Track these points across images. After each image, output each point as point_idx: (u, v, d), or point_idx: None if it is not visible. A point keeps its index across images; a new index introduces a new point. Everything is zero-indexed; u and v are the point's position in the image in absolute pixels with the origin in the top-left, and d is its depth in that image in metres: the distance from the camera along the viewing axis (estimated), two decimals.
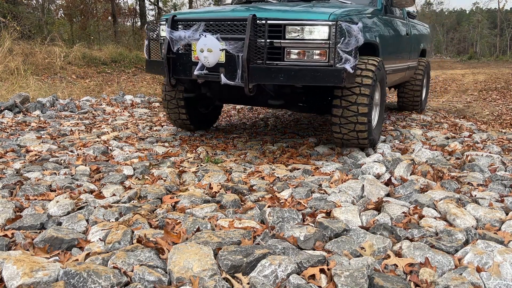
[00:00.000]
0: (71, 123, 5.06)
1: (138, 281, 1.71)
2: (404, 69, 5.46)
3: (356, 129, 3.59)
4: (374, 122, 4.00)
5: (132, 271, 1.77)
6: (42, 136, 4.27)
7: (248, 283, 1.72)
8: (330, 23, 3.13)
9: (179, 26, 3.51)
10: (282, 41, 3.22)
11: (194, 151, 3.87)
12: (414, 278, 1.79)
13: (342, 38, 3.15)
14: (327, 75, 3.15)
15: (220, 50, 3.24)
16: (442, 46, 64.09)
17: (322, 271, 1.79)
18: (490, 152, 3.95)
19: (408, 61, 5.64)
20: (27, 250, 1.97)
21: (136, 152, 3.74)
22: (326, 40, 3.15)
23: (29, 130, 4.64)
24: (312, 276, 1.77)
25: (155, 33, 3.81)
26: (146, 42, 3.91)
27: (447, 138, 4.69)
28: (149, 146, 4.00)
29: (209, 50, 3.23)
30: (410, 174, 3.26)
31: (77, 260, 1.86)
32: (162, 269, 1.82)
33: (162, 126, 5.06)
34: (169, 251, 1.90)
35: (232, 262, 1.80)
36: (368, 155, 3.83)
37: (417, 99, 6.33)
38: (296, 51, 3.21)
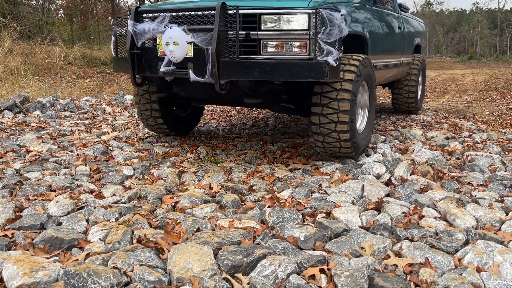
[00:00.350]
0: (71, 123, 5.06)
1: (138, 281, 1.70)
2: (397, 65, 5.16)
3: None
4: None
5: (132, 271, 1.77)
6: (42, 136, 4.27)
7: (248, 283, 1.72)
8: (309, 11, 2.82)
9: (145, 19, 3.20)
10: (258, 32, 2.91)
11: (194, 151, 3.86)
12: (414, 278, 1.79)
13: (323, 28, 2.82)
14: (307, 69, 2.85)
15: (188, 43, 2.94)
16: (442, 46, 64.12)
17: (322, 271, 1.79)
18: (490, 152, 3.95)
19: (402, 56, 5.36)
20: (27, 250, 1.97)
21: (136, 152, 3.74)
22: (305, 30, 2.84)
23: (29, 130, 4.64)
24: (312, 276, 1.77)
25: (124, 28, 3.52)
26: (113, 39, 3.58)
27: (447, 138, 4.69)
28: (149, 146, 4.00)
29: (175, 43, 2.93)
30: (410, 174, 3.26)
31: (77, 260, 1.86)
32: (162, 269, 1.82)
33: None
34: (169, 251, 1.90)
35: (232, 262, 1.80)
36: (368, 155, 3.83)
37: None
38: (274, 43, 2.91)
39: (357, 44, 3.73)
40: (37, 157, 3.51)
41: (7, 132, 4.46)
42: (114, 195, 2.70)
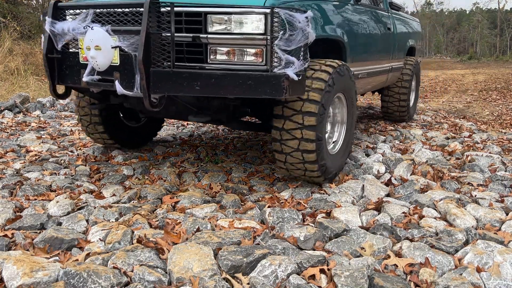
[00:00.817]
0: (71, 123, 5.06)
1: (138, 281, 1.71)
2: (384, 71, 4.57)
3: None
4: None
5: (132, 271, 1.77)
6: (42, 136, 4.27)
7: (248, 283, 1.72)
8: (266, 10, 2.25)
9: (67, 16, 2.65)
10: (203, 35, 2.33)
11: (194, 151, 3.86)
12: (414, 278, 1.79)
13: (282, 32, 2.27)
14: (261, 83, 2.28)
15: (112, 47, 2.37)
16: (442, 46, 64.16)
17: (322, 271, 1.79)
18: (490, 152, 3.95)
19: (391, 61, 4.74)
20: (27, 250, 1.97)
21: (136, 152, 3.74)
22: (261, 34, 2.27)
23: (29, 130, 4.64)
24: (312, 276, 1.77)
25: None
26: (42, 38, 2.81)
27: (447, 138, 4.70)
28: (149, 146, 4.00)
29: (97, 47, 2.37)
30: (410, 174, 3.26)
31: (77, 260, 1.86)
32: (162, 269, 1.82)
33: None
34: (169, 251, 1.90)
35: (232, 262, 1.80)
36: (368, 155, 3.83)
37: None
38: (224, 49, 2.34)
39: (334, 49, 3.26)
40: (37, 157, 3.51)
41: (7, 132, 4.46)
42: (114, 195, 2.70)
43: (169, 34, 2.28)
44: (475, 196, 2.79)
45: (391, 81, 5.06)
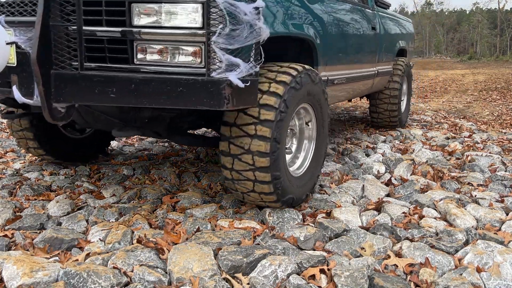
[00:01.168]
0: None
1: (138, 281, 1.71)
2: (369, 76, 4.05)
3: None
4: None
5: (132, 271, 1.77)
6: None
7: (248, 283, 1.72)
8: None
9: None
10: (127, 29, 1.82)
11: (194, 151, 3.86)
12: (414, 278, 1.79)
13: (221, 27, 1.78)
14: (195, 91, 1.80)
15: (7, 43, 1.89)
16: (442, 46, 64.18)
17: (322, 271, 1.79)
18: (490, 152, 3.95)
19: (377, 65, 4.24)
20: (27, 250, 1.97)
21: (136, 152, 3.74)
22: (199, 29, 1.79)
23: None
24: (312, 276, 1.77)
25: None
26: None
27: (447, 138, 4.70)
28: (149, 146, 4.00)
29: None
30: (410, 174, 3.27)
31: (77, 260, 1.86)
32: (162, 269, 1.82)
33: None
34: (169, 251, 1.90)
35: (232, 262, 1.80)
36: (368, 155, 3.83)
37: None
38: (155, 47, 1.85)
39: (301, 50, 2.78)
40: (37, 157, 3.51)
41: (7, 132, 4.46)
42: (114, 195, 2.70)
43: (74, 28, 1.83)
44: (475, 196, 2.79)
45: (378, 86, 4.57)
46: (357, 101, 7.84)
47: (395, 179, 3.13)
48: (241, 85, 1.85)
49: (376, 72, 4.23)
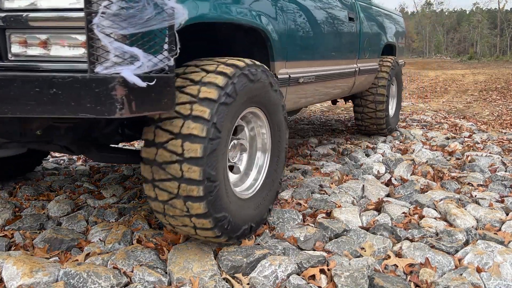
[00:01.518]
0: None
1: (138, 281, 1.70)
2: (347, 74, 3.53)
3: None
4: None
5: (132, 271, 1.77)
6: None
7: (248, 284, 1.72)
8: None
9: None
10: None
11: None
12: (414, 278, 1.79)
13: (105, 4, 1.27)
14: (74, 94, 1.31)
15: None
16: (442, 46, 64.19)
17: (322, 271, 1.79)
18: (490, 152, 3.95)
19: (358, 61, 3.74)
20: (27, 250, 1.97)
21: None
22: (79, 10, 1.34)
23: None
24: (312, 277, 1.77)
25: None
26: None
27: (447, 138, 4.70)
28: None
29: None
30: (410, 174, 3.26)
31: (77, 260, 1.86)
32: (162, 269, 1.82)
33: None
34: (169, 252, 1.90)
35: (232, 263, 1.80)
36: (368, 155, 3.83)
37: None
38: (32, 36, 1.41)
39: (251, 43, 2.32)
40: None
41: None
42: (114, 195, 2.70)
43: None
44: (475, 196, 2.78)
45: (360, 87, 4.05)
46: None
47: (395, 179, 3.13)
48: (140, 84, 1.35)
49: (356, 69, 3.72)
